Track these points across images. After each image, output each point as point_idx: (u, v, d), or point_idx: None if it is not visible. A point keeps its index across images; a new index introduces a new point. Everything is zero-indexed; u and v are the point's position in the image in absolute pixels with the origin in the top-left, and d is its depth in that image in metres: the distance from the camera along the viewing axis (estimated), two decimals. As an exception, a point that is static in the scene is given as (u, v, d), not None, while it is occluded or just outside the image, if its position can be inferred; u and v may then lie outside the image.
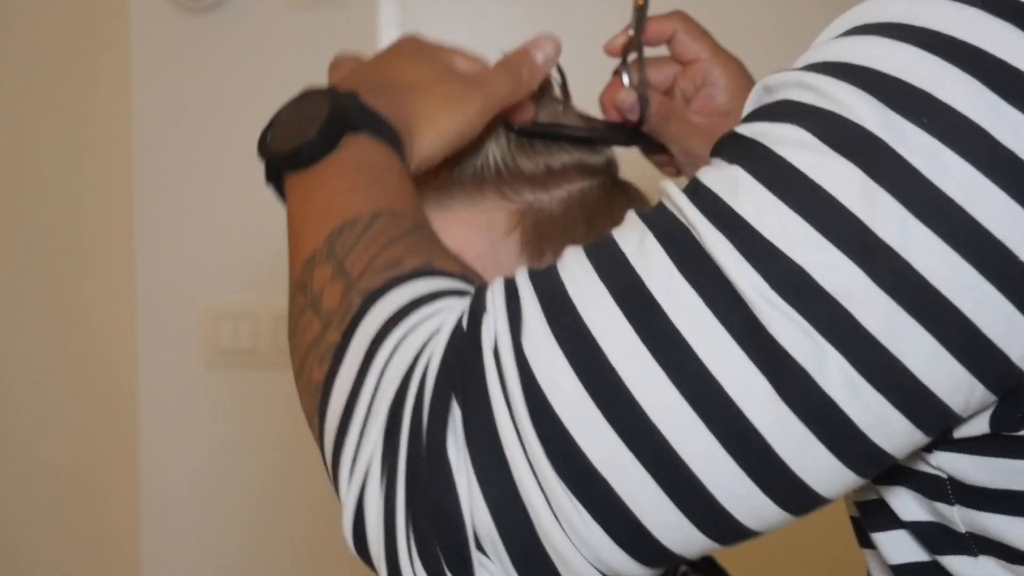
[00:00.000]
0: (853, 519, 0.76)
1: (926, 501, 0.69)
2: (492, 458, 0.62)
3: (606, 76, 1.02)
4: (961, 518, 0.67)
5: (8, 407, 2.21)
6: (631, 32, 0.99)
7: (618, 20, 1.03)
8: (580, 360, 0.62)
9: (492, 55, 0.95)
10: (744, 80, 1.00)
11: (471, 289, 0.69)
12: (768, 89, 0.65)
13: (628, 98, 0.98)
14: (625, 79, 1.00)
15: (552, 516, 0.62)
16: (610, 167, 1.01)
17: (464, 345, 0.64)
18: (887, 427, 0.61)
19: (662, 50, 1.03)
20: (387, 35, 2.06)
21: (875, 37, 0.62)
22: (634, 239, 0.64)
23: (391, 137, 0.79)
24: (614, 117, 1.00)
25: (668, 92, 1.02)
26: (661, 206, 0.65)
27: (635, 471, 0.61)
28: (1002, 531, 0.66)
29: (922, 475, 0.68)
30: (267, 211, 2.09)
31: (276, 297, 2.09)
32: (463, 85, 0.85)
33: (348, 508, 0.66)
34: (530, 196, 0.96)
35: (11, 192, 2.19)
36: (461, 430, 0.63)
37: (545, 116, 0.97)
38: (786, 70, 0.64)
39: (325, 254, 0.72)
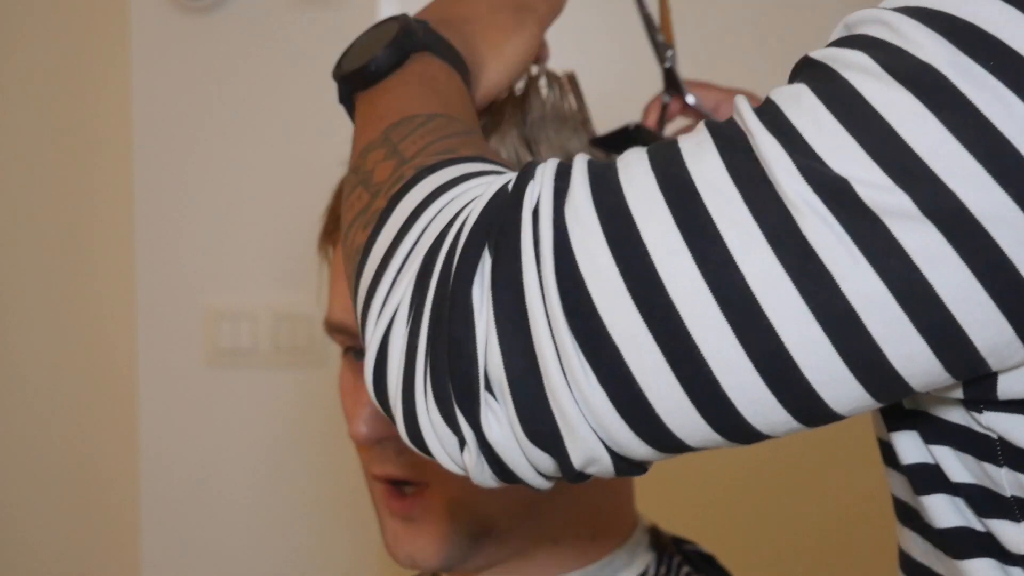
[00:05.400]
0: (881, 441, 0.76)
1: (974, 462, 0.69)
2: (513, 307, 0.64)
3: (606, 74, 1.02)
4: (1008, 481, 0.68)
5: (8, 406, 2.21)
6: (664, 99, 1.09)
7: (617, 18, 1.03)
8: (615, 235, 0.63)
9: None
10: None
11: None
12: (848, 26, 0.66)
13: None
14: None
15: (561, 373, 0.64)
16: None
17: (505, 203, 0.67)
18: (906, 348, 0.61)
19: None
20: (387, 35, 2.06)
21: None
22: (694, 140, 0.66)
23: (456, 62, 0.84)
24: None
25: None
26: (731, 118, 0.67)
27: (648, 346, 0.63)
28: None
29: (972, 434, 0.68)
30: (268, 211, 2.10)
31: (276, 297, 2.09)
32: (515, 13, 0.92)
33: (372, 349, 0.68)
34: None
35: (11, 191, 2.19)
36: (488, 276, 0.65)
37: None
38: (868, 8, 0.65)
39: (380, 141, 0.77)
